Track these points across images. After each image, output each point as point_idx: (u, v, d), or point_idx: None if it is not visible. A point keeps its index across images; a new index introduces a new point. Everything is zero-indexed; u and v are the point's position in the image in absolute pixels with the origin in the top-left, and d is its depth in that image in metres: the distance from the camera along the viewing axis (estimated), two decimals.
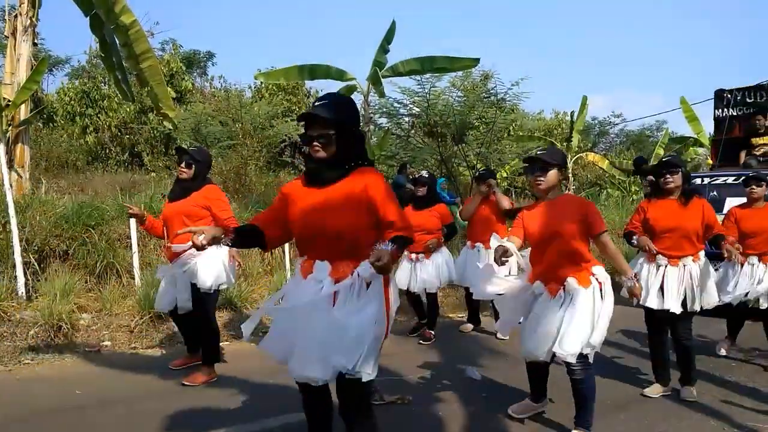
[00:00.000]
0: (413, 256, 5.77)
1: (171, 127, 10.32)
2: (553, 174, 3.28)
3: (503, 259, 3.10)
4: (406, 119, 15.14)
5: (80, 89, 16.96)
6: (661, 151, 17.57)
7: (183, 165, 4.29)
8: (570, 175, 18.09)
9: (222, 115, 15.20)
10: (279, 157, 17.69)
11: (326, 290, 2.30)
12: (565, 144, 18.05)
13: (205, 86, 22.60)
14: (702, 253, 4.04)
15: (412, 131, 15.32)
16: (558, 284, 3.23)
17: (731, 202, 5.94)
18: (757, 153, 8.22)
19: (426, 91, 13.36)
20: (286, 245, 7.45)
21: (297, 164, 18.04)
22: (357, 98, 12.43)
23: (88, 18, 7.24)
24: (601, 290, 3.22)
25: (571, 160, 17.92)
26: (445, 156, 14.01)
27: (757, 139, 8.32)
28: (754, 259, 4.91)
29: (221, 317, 5.97)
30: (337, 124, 2.33)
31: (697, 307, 3.96)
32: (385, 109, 14.38)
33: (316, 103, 2.41)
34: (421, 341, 5.72)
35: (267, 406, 3.79)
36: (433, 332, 5.83)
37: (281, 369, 4.61)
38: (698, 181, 7.71)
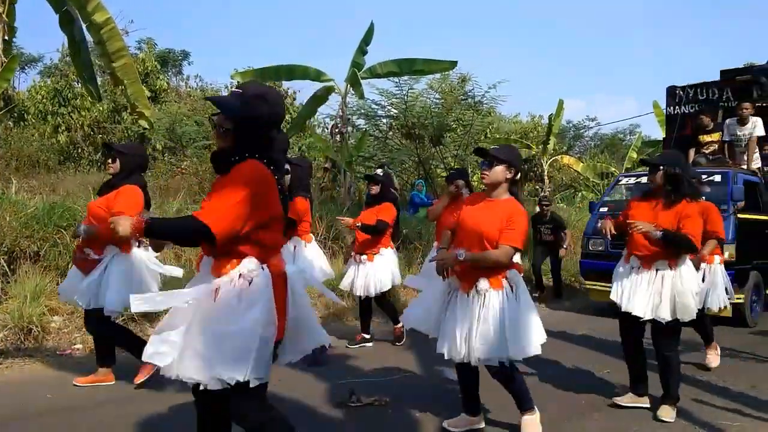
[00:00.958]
0: (357, 257, 5.51)
1: (146, 126, 10.19)
2: (499, 171, 3.18)
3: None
4: (384, 121, 15.18)
5: (52, 87, 16.66)
6: (635, 155, 17.90)
7: (109, 160, 4.13)
8: (546, 177, 18.32)
9: (198, 115, 15.06)
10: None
11: (206, 286, 2.18)
12: (541, 147, 18.28)
13: (180, 85, 22.37)
14: (685, 260, 3.68)
15: (390, 133, 15.37)
16: (470, 284, 3.15)
17: None
18: (706, 151, 8.12)
19: (404, 92, 13.42)
20: None
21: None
22: (335, 99, 12.44)
23: (58, 15, 7.12)
24: (514, 293, 3.14)
25: (546, 162, 18.15)
26: (423, 158, 14.09)
27: (704, 136, 8.24)
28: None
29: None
30: (234, 119, 2.21)
31: (664, 317, 3.59)
32: (362, 111, 14.41)
33: (232, 90, 2.37)
34: (396, 343, 5.66)
35: None
36: (401, 325, 5.62)
37: None
38: (643, 180, 7.46)
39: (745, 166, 7.86)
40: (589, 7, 77.54)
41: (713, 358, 5.09)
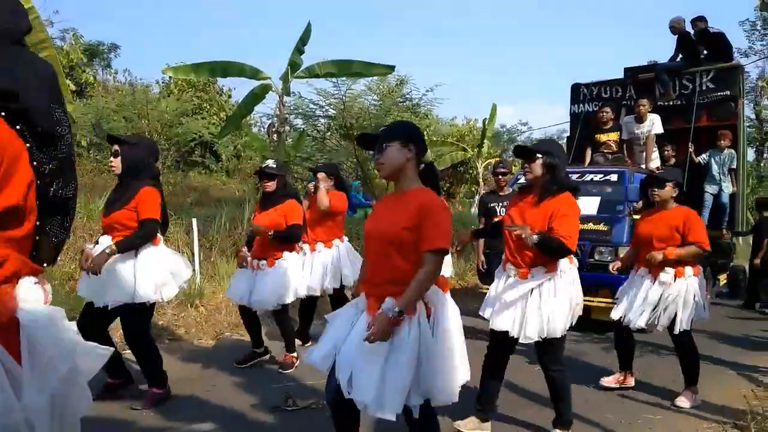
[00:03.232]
0: (254, 262, 4.67)
1: None
2: (393, 151, 2.42)
3: None
4: (322, 121, 15.09)
5: None
6: None
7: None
8: (480, 180, 18.73)
9: (126, 111, 14.46)
10: (189, 156, 17.07)
11: None
12: (476, 150, 18.67)
13: (108, 79, 21.41)
14: (563, 267, 3.28)
15: (328, 133, 15.30)
16: (377, 302, 2.35)
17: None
18: (606, 150, 8.02)
19: (342, 93, 13.38)
20: (196, 248, 7.19)
21: (208, 164, 17.50)
22: (272, 98, 12.24)
23: None
24: (429, 319, 2.37)
25: (481, 165, 18.56)
26: (361, 159, 14.09)
27: (601, 135, 8.07)
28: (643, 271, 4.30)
29: None
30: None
31: (530, 336, 3.25)
32: (300, 110, 14.26)
33: None
34: (280, 370, 4.70)
35: (171, 416, 3.62)
36: (295, 356, 4.82)
37: (186, 378, 4.43)
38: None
39: (643, 165, 7.70)
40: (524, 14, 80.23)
41: (688, 398, 4.17)
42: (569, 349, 5.63)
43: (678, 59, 9.01)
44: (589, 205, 6.60)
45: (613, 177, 6.98)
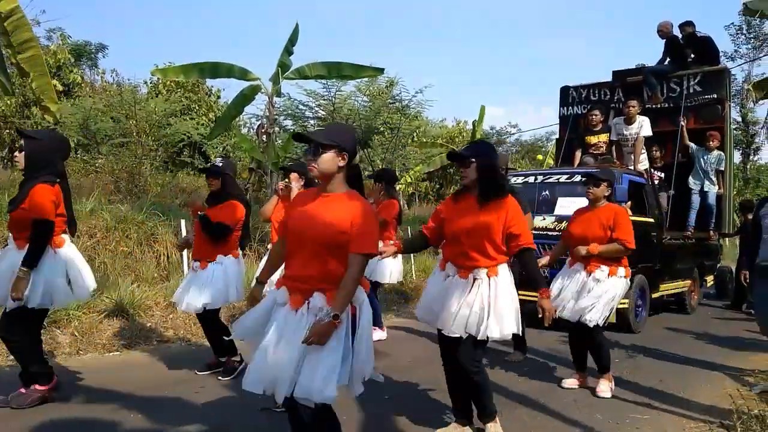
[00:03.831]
0: (194, 264, 4.52)
1: (52, 122, 9.59)
2: (328, 158, 2.45)
3: None
4: (312, 122, 15.06)
5: None
6: (551, 161, 18.67)
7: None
8: None
9: (114, 111, 14.34)
10: (177, 156, 16.98)
11: None
12: None
13: (96, 80, 21.25)
14: (501, 268, 3.21)
15: None
16: (303, 297, 2.43)
17: (563, 202, 5.58)
18: (595, 152, 8.07)
19: (332, 94, 13.37)
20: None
21: (196, 164, 17.39)
22: (261, 99, 12.21)
23: None
24: (354, 319, 2.44)
25: None
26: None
27: (591, 137, 8.15)
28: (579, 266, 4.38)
29: (111, 325, 5.61)
30: None
31: (473, 333, 3.12)
32: (290, 111, 14.23)
33: None
34: (220, 377, 4.49)
35: (159, 418, 3.59)
36: (237, 359, 4.59)
37: (175, 380, 4.40)
38: (531, 180, 7.41)
39: (632, 167, 7.73)
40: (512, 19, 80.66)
41: (605, 387, 4.36)
42: (553, 348, 5.69)
43: (666, 63, 9.12)
44: (577, 205, 6.58)
45: None
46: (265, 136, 12.11)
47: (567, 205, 5.64)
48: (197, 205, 4.53)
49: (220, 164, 4.47)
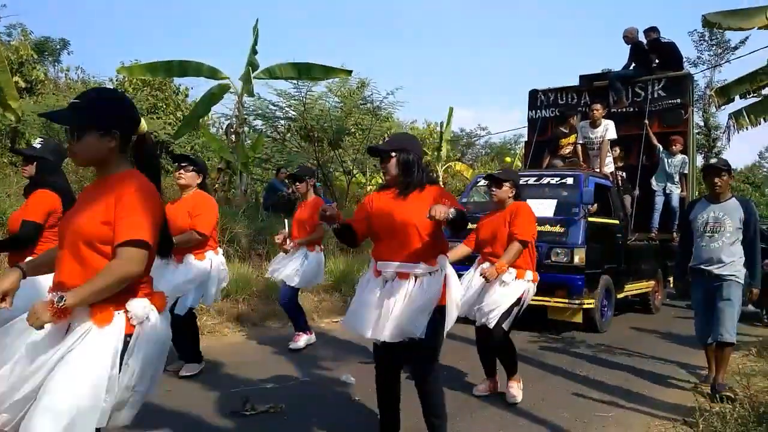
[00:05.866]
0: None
1: (14, 119, 9.32)
2: (90, 141, 2.00)
3: None
4: (282, 122, 14.95)
5: None
6: (519, 163, 18.94)
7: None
8: (441, 183, 18.90)
9: None
10: None
11: None
12: (435, 153, 18.84)
13: (59, 77, 20.74)
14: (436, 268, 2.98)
15: (288, 135, 15.17)
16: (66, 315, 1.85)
17: (532, 204, 5.65)
18: (565, 152, 8.25)
19: (302, 94, 13.30)
20: None
21: (164, 165, 17.09)
22: (230, 98, 12.07)
23: None
24: (136, 339, 1.91)
25: (441, 168, 18.75)
26: (322, 161, 14.02)
27: (564, 140, 8.40)
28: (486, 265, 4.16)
29: None
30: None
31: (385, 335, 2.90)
32: (260, 111, 14.11)
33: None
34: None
35: None
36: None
37: None
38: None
39: (598, 169, 7.89)
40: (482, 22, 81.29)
41: (516, 391, 4.16)
42: (524, 349, 5.75)
43: (631, 68, 9.32)
44: (545, 207, 6.74)
45: (569, 180, 7.13)
46: (234, 135, 11.98)
47: (535, 207, 5.72)
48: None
49: (38, 146, 3.59)
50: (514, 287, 4.04)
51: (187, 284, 4.31)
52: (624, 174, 8.69)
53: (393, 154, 3.01)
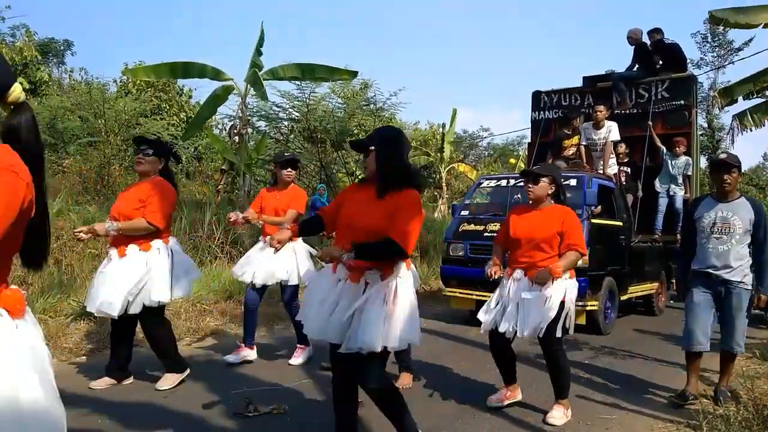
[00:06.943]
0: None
1: None
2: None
3: None
4: (285, 123, 14.97)
5: None
6: (522, 165, 18.92)
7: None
8: (444, 184, 18.90)
9: (82, 110, 14.06)
10: None
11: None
12: (438, 154, 18.85)
13: (63, 78, 20.81)
14: (404, 271, 2.86)
15: (291, 136, 15.19)
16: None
17: None
18: (567, 154, 8.22)
19: (306, 96, 13.32)
20: None
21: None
22: (234, 100, 12.09)
23: None
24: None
25: (444, 169, 18.76)
26: (325, 162, 14.04)
27: (567, 141, 8.39)
28: (519, 273, 3.81)
29: (78, 329, 5.48)
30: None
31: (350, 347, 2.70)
32: (263, 112, 14.14)
33: None
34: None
35: (129, 424, 3.52)
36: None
37: (145, 385, 4.31)
38: (503, 183, 7.57)
39: (601, 171, 7.87)
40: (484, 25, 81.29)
41: (558, 413, 3.79)
42: (526, 350, 5.73)
43: (635, 69, 9.30)
44: None
45: (573, 182, 7.05)
46: (237, 137, 12.01)
47: None
48: None
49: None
50: (553, 290, 3.62)
51: (133, 284, 3.99)
52: (629, 170, 8.67)
53: (372, 148, 2.85)
